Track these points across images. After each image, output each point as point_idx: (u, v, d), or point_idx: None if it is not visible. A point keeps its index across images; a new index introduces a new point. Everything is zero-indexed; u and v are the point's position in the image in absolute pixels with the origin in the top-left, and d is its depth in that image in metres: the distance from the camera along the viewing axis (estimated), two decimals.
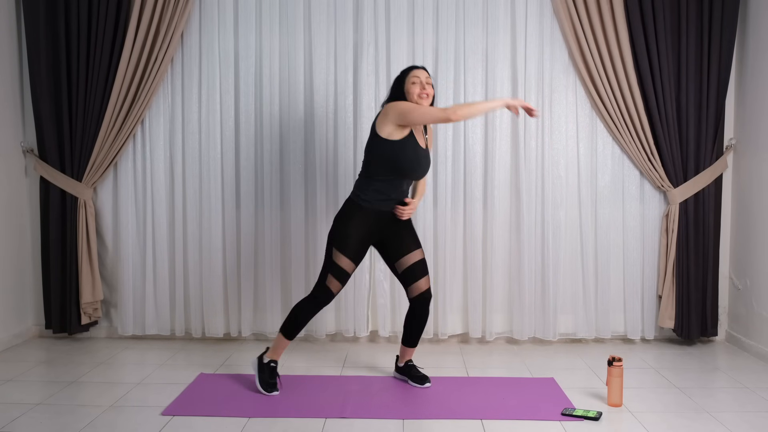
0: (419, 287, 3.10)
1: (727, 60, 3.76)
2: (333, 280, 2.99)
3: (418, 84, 2.98)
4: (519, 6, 3.83)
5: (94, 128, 3.84)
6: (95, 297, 3.92)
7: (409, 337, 3.19)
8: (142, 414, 2.80)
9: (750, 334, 3.76)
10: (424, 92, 2.97)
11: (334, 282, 2.99)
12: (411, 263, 3.09)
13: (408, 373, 3.22)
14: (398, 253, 3.11)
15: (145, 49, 3.79)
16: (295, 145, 3.88)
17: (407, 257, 3.10)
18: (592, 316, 3.93)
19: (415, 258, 3.10)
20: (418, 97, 2.97)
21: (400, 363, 3.27)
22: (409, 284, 3.11)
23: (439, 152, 3.86)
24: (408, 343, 3.21)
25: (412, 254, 3.10)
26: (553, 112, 3.88)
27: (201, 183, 3.93)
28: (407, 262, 3.10)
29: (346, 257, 2.98)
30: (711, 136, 3.81)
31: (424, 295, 3.11)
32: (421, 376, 3.18)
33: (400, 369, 3.27)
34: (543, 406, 2.88)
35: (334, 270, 2.99)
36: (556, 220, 3.89)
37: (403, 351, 3.24)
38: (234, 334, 3.98)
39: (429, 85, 3.01)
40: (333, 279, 2.99)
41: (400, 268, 3.11)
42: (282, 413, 2.80)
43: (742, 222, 3.86)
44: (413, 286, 3.10)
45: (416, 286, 3.10)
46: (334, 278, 2.99)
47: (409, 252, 3.10)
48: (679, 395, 3.05)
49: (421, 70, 3.04)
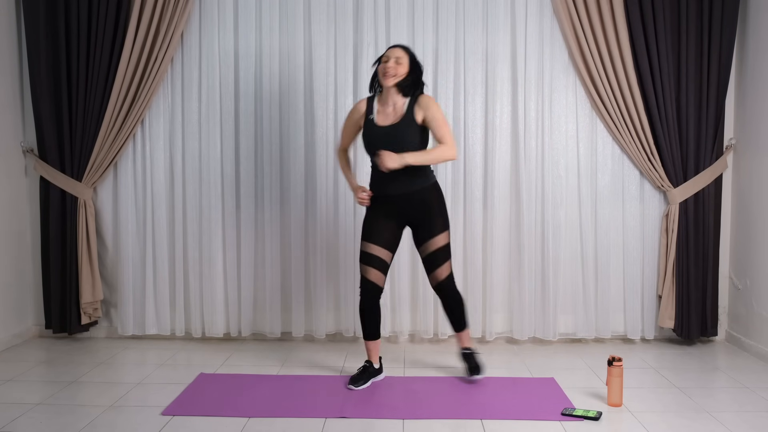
0: (436, 277, 3.15)
1: (727, 60, 3.76)
2: (363, 266, 3.11)
3: (384, 64, 3.02)
4: (519, 6, 3.83)
5: (94, 128, 3.84)
6: (95, 297, 3.92)
7: (452, 323, 3.27)
8: (142, 414, 2.80)
9: (750, 334, 3.76)
10: (389, 70, 2.99)
11: (364, 268, 3.10)
12: (431, 250, 3.13)
13: (464, 362, 3.28)
14: (421, 239, 3.14)
15: (145, 49, 3.79)
16: (295, 145, 3.88)
17: (428, 244, 3.12)
18: (592, 316, 3.93)
19: (435, 245, 3.11)
20: (382, 75, 3.01)
21: (461, 348, 3.33)
22: (429, 273, 3.18)
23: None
24: (455, 329, 3.29)
25: (432, 241, 3.11)
26: (553, 112, 3.88)
27: (201, 183, 3.93)
28: (427, 250, 3.13)
29: (368, 242, 3.09)
30: (711, 136, 3.81)
31: (442, 283, 3.15)
32: (471, 367, 3.22)
33: (461, 355, 3.33)
34: (543, 406, 2.88)
35: (361, 258, 3.11)
36: (556, 220, 3.89)
37: (457, 338, 3.32)
38: (234, 334, 3.98)
39: (400, 65, 3.00)
40: (362, 265, 3.11)
41: (423, 254, 3.17)
42: (282, 413, 2.80)
43: (742, 222, 3.86)
44: (431, 276, 3.17)
45: (433, 275, 3.16)
46: (363, 264, 3.10)
47: (430, 238, 3.11)
48: (679, 395, 3.05)
49: (394, 48, 3.06)
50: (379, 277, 3.10)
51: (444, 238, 3.12)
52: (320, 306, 3.92)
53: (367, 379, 3.18)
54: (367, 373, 3.19)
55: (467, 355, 3.27)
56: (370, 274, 3.09)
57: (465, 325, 3.27)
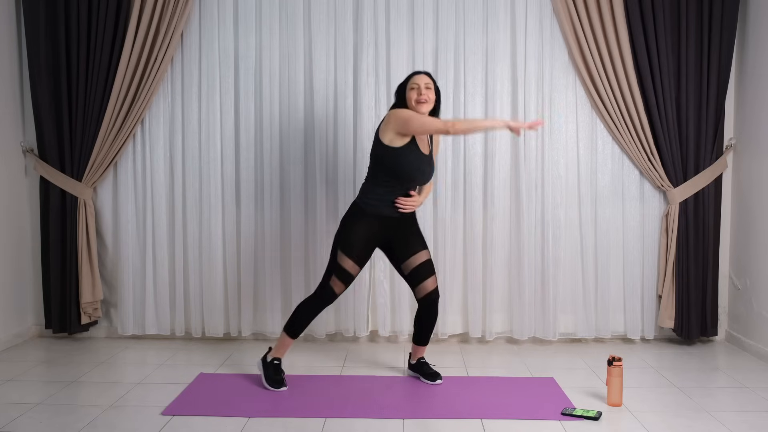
0: (425, 288, 3.12)
1: (727, 60, 3.76)
2: (337, 281, 3.04)
3: (416, 90, 3.00)
4: (519, 6, 3.83)
5: (94, 128, 3.84)
6: (95, 297, 3.92)
7: (420, 336, 3.23)
8: (142, 414, 2.80)
9: (750, 333, 3.76)
10: (422, 97, 2.99)
11: (338, 283, 3.04)
12: (417, 264, 3.12)
13: (420, 371, 3.26)
14: (404, 255, 3.13)
15: (145, 49, 3.79)
16: (295, 145, 3.88)
17: (413, 258, 3.12)
18: (592, 316, 3.93)
19: (421, 259, 3.12)
20: (416, 102, 2.99)
21: (413, 360, 3.31)
22: (416, 285, 3.14)
23: (439, 152, 3.86)
24: (419, 342, 3.25)
25: (417, 255, 3.12)
26: (553, 112, 3.88)
27: (201, 183, 3.93)
28: (413, 264, 3.12)
29: (350, 260, 3.02)
30: (711, 136, 3.81)
31: (431, 295, 3.13)
32: (433, 372, 3.22)
33: (412, 366, 3.31)
34: (543, 406, 2.88)
35: (338, 272, 3.03)
36: (556, 220, 3.89)
37: (415, 349, 3.29)
38: (234, 334, 3.98)
39: (429, 90, 3.01)
40: (337, 281, 3.04)
41: (407, 269, 3.14)
42: (282, 413, 2.80)
43: (742, 222, 3.86)
44: (420, 287, 3.13)
45: (422, 286, 3.12)
46: (338, 280, 3.04)
47: (415, 253, 3.12)
48: (679, 395, 3.05)
49: (421, 75, 3.05)
50: (342, 290, 3.08)
51: (427, 254, 3.15)
52: None
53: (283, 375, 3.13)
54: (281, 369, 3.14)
55: (423, 363, 3.27)
56: (338, 288, 3.05)
57: (428, 341, 3.26)
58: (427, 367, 3.25)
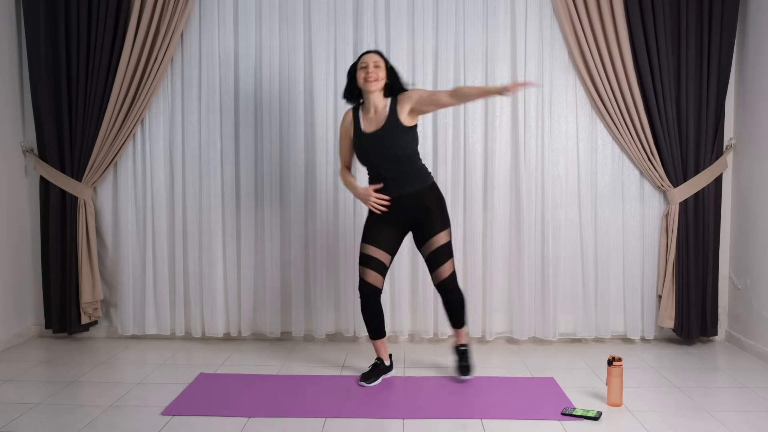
0: (438, 275, 3.15)
1: (727, 60, 3.76)
2: (361, 268, 3.14)
3: (365, 69, 3.03)
4: (519, 6, 3.83)
5: (94, 128, 3.84)
6: (95, 297, 3.92)
7: (450, 320, 3.28)
8: (142, 414, 2.80)
9: (750, 333, 3.76)
10: (370, 76, 3.01)
11: (363, 270, 3.13)
12: (432, 249, 3.13)
13: (456, 358, 3.30)
14: (421, 238, 3.16)
15: (145, 49, 3.79)
16: (295, 145, 3.88)
17: (429, 243, 3.13)
18: (592, 316, 3.93)
19: (435, 244, 3.12)
20: (365, 80, 3.02)
21: (456, 344, 3.35)
22: (431, 271, 3.18)
23: (439, 152, 3.86)
24: (453, 325, 3.30)
25: (432, 240, 3.12)
26: (553, 112, 3.88)
27: (201, 183, 3.93)
28: (429, 249, 3.14)
29: (367, 244, 3.13)
30: (711, 136, 3.81)
31: (444, 283, 3.16)
32: (462, 366, 3.25)
33: (454, 350, 3.35)
34: (543, 406, 2.88)
35: (359, 259, 3.14)
36: (556, 220, 3.89)
37: (454, 333, 3.35)
38: (234, 334, 3.98)
39: (378, 69, 3.03)
40: (361, 267, 3.14)
41: (424, 254, 3.18)
42: (282, 413, 2.80)
43: (742, 222, 3.86)
44: (434, 274, 3.18)
45: (436, 274, 3.16)
46: (361, 266, 3.14)
47: (430, 237, 3.13)
48: (679, 395, 3.05)
49: (370, 54, 3.08)
50: (377, 279, 3.12)
51: (444, 237, 3.13)
52: (320, 306, 3.92)
53: (378, 376, 3.20)
54: (378, 371, 3.22)
55: (462, 352, 3.29)
56: (368, 276, 3.12)
57: (463, 323, 3.28)
58: (462, 358, 3.27)
